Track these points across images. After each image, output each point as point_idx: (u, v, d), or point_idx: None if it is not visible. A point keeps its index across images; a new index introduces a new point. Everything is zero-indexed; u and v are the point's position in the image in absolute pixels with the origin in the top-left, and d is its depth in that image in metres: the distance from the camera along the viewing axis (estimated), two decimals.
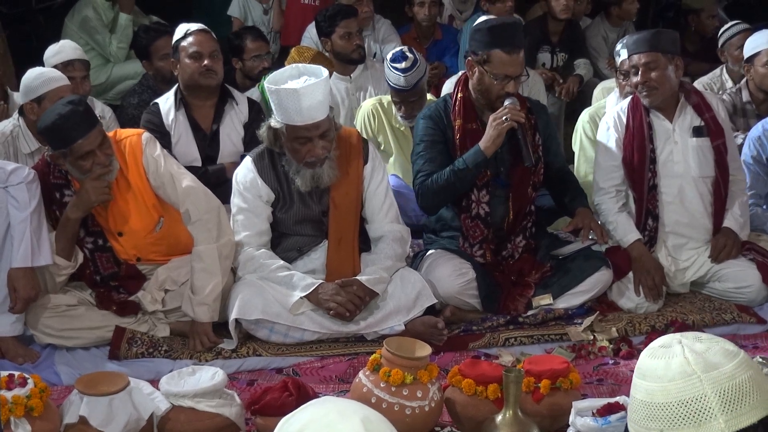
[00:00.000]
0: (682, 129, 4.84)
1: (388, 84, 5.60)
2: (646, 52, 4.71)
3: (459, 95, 4.71)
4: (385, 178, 4.64)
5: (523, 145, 4.54)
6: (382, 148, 5.76)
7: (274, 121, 4.36)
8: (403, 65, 5.47)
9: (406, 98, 5.55)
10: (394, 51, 5.65)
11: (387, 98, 5.83)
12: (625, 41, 5.63)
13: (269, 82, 4.34)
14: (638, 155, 4.79)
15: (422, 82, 5.57)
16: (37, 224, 4.28)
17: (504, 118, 4.48)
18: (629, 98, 4.93)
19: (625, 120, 4.85)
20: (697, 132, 4.82)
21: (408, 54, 5.53)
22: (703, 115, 4.83)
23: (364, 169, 4.56)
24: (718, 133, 4.83)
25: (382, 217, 4.59)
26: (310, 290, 4.36)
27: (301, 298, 4.36)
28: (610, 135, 4.88)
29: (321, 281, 4.41)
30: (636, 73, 4.76)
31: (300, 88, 4.21)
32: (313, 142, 4.31)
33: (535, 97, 5.94)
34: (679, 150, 4.82)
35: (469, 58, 4.68)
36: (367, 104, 5.88)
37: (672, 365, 1.96)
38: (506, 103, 4.53)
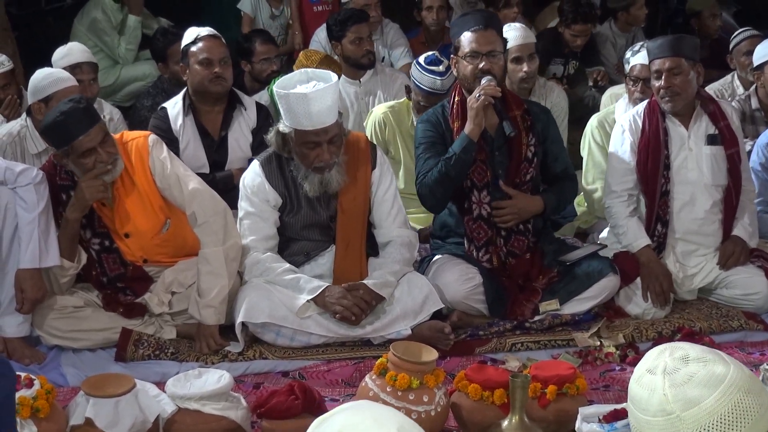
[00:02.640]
0: (697, 136, 4.83)
1: (420, 88, 5.49)
2: (669, 57, 4.71)
3: (456, 98, 4.73)
4: (393, 183, 4.64)
5: (503, 116, 4.54)
6: (391, 155, 5.70)
7: (283, 126, 4.37)
8: (441, 68, 5.43)
9: (437, 102, 5.40)
10: (426, 55, 5.56)
11: (399, 103, 5.79)
12: (635, 48, 5.62)
13: (278, 86, 4.34)
14: (652, 160, 4.79)
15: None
16: (45, 225, 4.29)
17: (477, 95, 4.50)
18: (645, 102, 4.92)
19: (641, 124, 4.85)
20: (711, 140, 4.82)
21: (441, 58, 5.51)
22: (718, 123, 4.83)
23: (372, 175, 4.56)
24: (732, 142, 4.83)
25: (390, 222, 4.59)
26: (317, 293, 4.36)
27: (307, 301, 4.36)
28: (624, 138, 4.88)
29: (328, 284, 4.41)
30: (658, 78, 4.75)
31: (309, 92, 4.20)
32: (321, 147, 4.31)
33: (558, 109, 5.93)
34: (693, 157, 4.82)
35: (452, 56, 4.75)
36: (378, 111, 5.81)
37: (653, 401, 2.00)
38: (482, 82, 4.54)
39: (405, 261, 4.55)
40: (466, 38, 4.62)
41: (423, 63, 5.50)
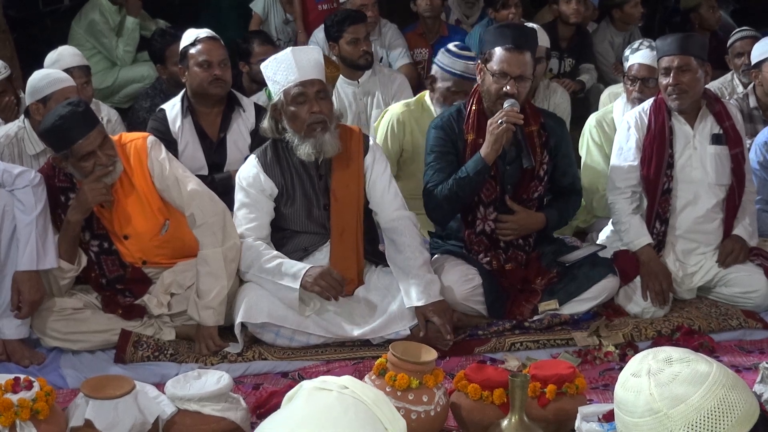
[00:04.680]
0: (702, 135, 4.84)
1: (452, 73, 5.34)
2: (678, 54, 4.71)
3: (473, 107, 4.67)
4: (388, 169, 4.62)
5: (523, 146, 4.51)
6: (408, 155, 5.60)
7: (273, 101, 4.44)
8: (472, 53, 5.37)
9: (468, 88, 5.16)
10: (455, 43, 5.52)
11: (414, 101, 5.69)
12: (634, 46, 5.63)
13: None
14: (657, 158, 4.79)
15: None
16: (43, 227, 4.28)
17: (499, 121, 4.45)
18: (652, 99, 4.92)
19: (647, 121, 4.85)
20: (716, 139, 4.83)
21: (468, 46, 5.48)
22: (723, 123, 4.83)
23: (365, 160, 4.56)
24: (736, 142, 4.84)
25: (389, 203, 4.56)
26: (300, 278, 4.33)
27: (304, 299, 4.35)
28: (630, 135, 4.88)
29: (309, 266, 4.38)
30: (666, 75, 4.75)
31: (291, 49, 4.42)
32: (310, 100, 4.34)
33: (561, 110, 5.91)
34: (698, 156, 4.83)
35: (478, 61, 4.68)
36: (396, 109, 5.66)
37: (639, 402, 2.03)
38: (505, 105, 4.48)
39: (423, 244, 4.57)
40: (498, 55, 4.54)
41: (454, 49, 5.41)
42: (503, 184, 4.66)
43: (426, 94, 5.62)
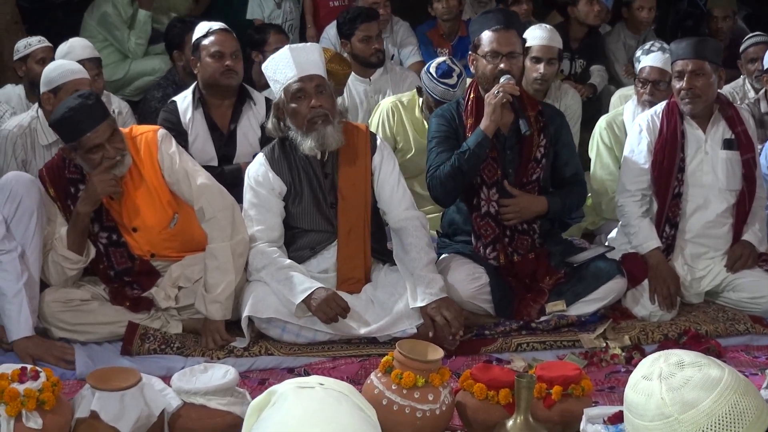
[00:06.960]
0: (713, 140, 4.83)
1: (432, 97, 5.50)
2: (693, 59, 4.71)
3: (471, 95, 4.75)
4: (396, 168, 4.63)
5: (520, 114, 4.57)
6: (400, 148, 5.70)
7: (275, 99, 4.48)
8: (453, 79, 5.43)
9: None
10: (438, 64, 5.52)
11: (405, 96, 5.80)
12: (646, 47, 5.61)
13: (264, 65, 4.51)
14: (668, 162, 4.79)
15: None
16: (31, 293, 4.25)
17: (496, 92, 4.52)
18: (664, 103, 4.92)
19: (659, 124, 4.84)
20: (728, 144, 4.82)
21: (453, 67, 5.48)
22: (736, 128, 4.83)
23: (373, 160, 4.57)
24: (748, 147, 4.84)
25: (398, 203, 4.57)
26: (305, 296, 4.32)
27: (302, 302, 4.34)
28: (642, 138, 4.87)
29: (318, 286, 4.36)
30: (680, 79, 4.75)
31: (289, 47, 4.45)
32: (309, 95, 4.36)
33: (571, 112, 5.93)
34: (709, 161, 4.82)
35: (470, 52, 4.77)
36: (386, 103, 5.82)
37: (650, 405, 2.02)
38: (501, 80, 4.57)
39: (429, 245, 4.55)
40: (487, 37, 4.64)
41: (435, 74, 5.47)
42: (504, 168, 4.69)
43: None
